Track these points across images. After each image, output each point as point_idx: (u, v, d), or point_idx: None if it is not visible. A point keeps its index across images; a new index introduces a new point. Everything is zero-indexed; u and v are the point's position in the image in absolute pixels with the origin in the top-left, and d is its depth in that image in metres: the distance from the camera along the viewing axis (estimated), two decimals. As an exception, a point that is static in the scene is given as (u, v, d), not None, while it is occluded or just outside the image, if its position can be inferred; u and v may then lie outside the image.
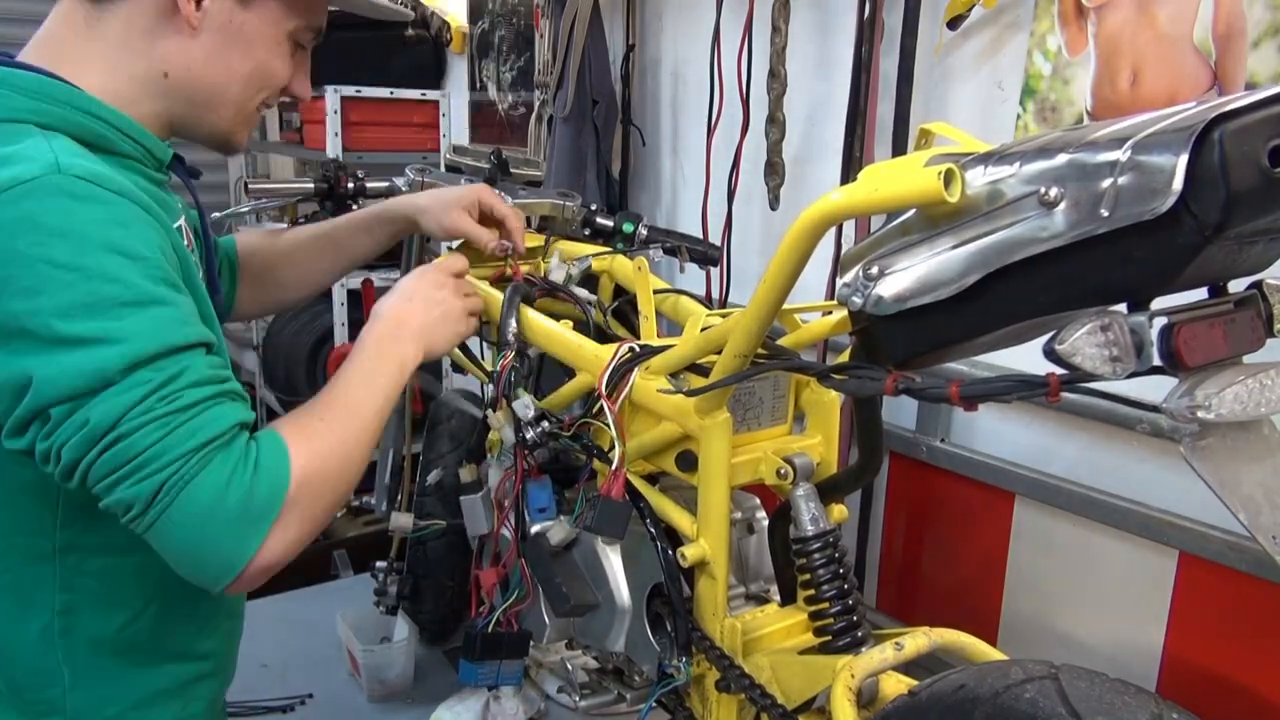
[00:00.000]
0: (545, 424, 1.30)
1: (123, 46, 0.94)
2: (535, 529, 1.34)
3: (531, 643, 1.44)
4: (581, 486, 1.34)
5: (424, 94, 3.13)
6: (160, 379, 0.81)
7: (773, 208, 2.00)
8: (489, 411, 1.37)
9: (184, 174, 1.07)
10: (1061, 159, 0.73)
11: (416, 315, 1.16)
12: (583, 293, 1.50)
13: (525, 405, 1.30)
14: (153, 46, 0.95)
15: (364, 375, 1.04)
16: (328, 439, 0.93)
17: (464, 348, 1.48)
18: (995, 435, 1.78)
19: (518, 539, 1.35)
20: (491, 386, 1.36)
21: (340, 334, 2.97)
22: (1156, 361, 0.71)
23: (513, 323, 1.34)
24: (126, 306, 0.80)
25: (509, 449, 1.35)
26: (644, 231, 1.62)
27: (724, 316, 1.21)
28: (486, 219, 1.41)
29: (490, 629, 1.38)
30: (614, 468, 1.18)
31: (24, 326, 0.78)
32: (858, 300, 0.86)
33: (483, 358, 1.60)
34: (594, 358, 1.27)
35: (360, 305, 2.90)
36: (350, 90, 2.96)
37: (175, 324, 0.84)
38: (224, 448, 0.83)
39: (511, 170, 1.73)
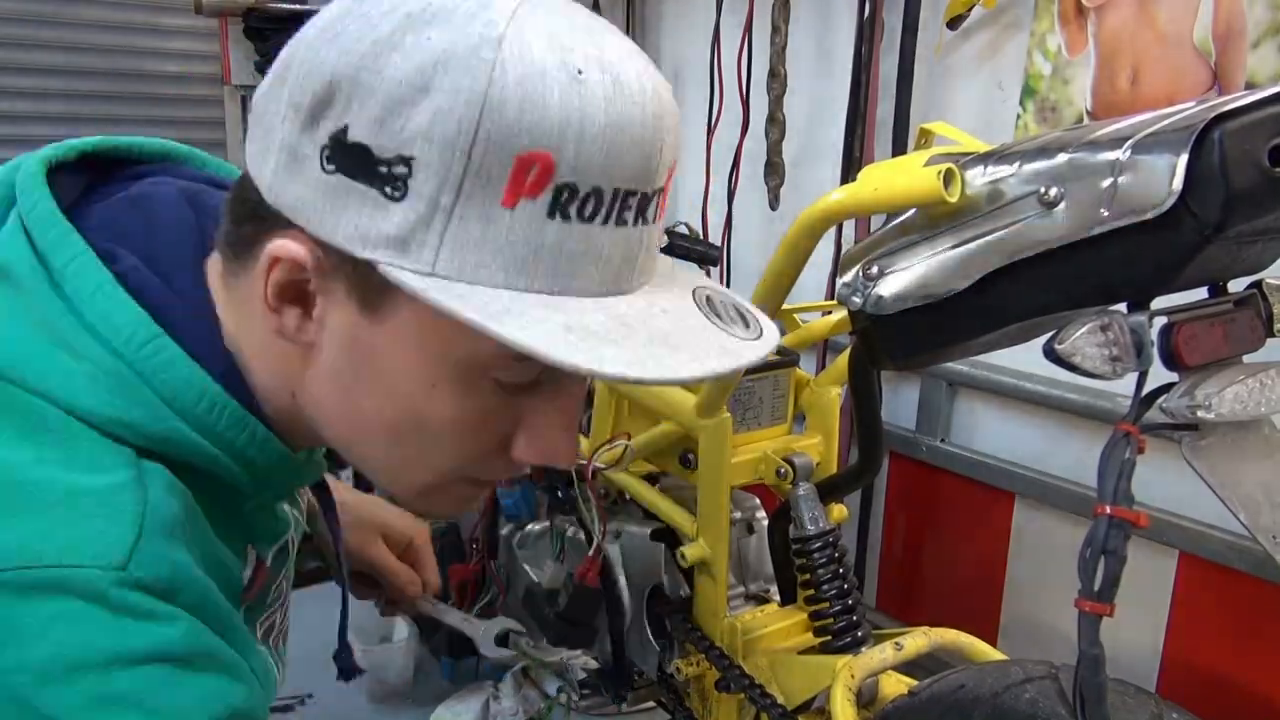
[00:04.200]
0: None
1: (259, 322, 0.59)
2: (504, 531, 1.36)
3: (527, 642, 1.44)
4: (552, 516, 1.37)
5: (424, 94, 3.13)
6: None
7: (773, 208, 2.00)
8: None
9: (325, 501, 0.81)
10: (1061, 159, 0.73)
11: None
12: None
13: None
14: (275, 347, 0.60)
15: None
16: None
17: None
18: (995, 435, 1.78)
19: (485, 542, 1.37)
20: None
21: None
22: (1156, 361, 0.71)
23: None
24: None
25: None
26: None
27: (724, 316, 1.21)
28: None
29: None
30: (590, 554, 1.19)
31: None
32: (858, 300, 0.86)
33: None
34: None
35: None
36: (350, 90, 2.96)
37: None
38: None
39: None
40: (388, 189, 0.51)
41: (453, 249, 0.51)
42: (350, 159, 0.51)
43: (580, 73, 0.50)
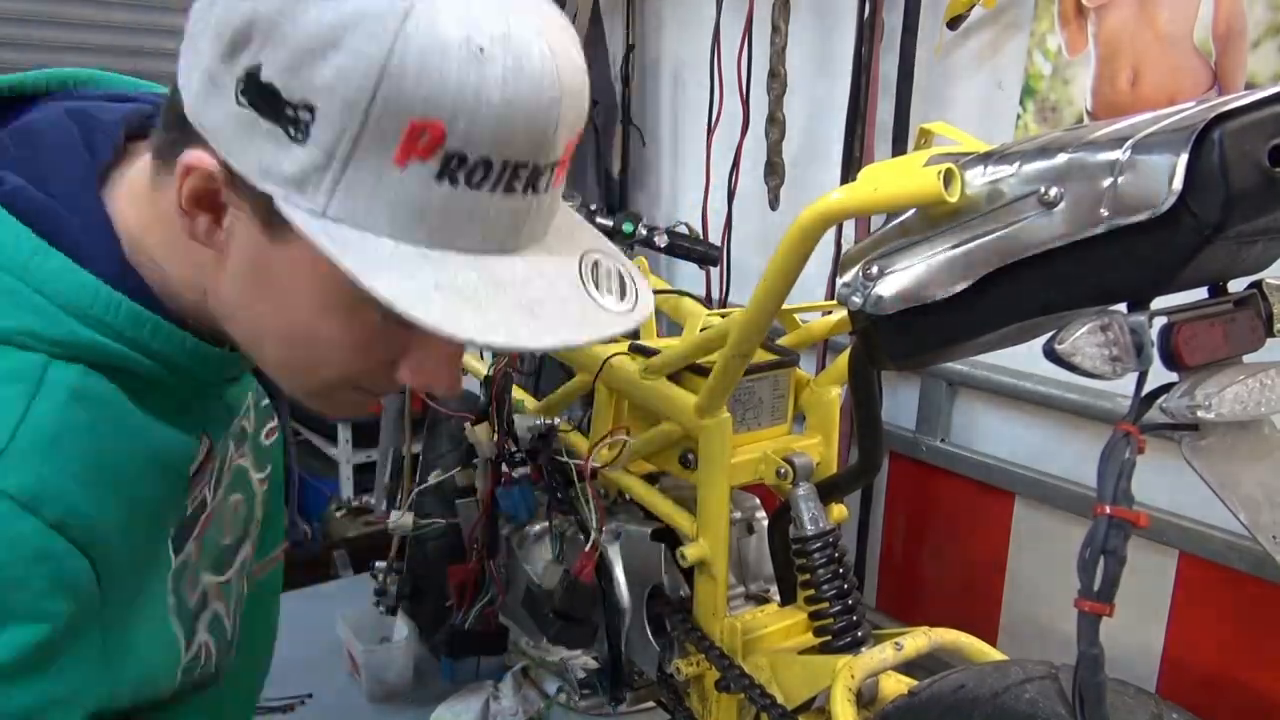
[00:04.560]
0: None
1: (169, 224, 0.62)
2: (504, 531, 1.37)
3: (527, 642, 1.45)
4: (552, 516, 1.37)
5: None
6: None
7: (773, 208, 2.00)
8: (466, 425, 1.40)
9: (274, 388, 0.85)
10: (1061, 159, 0.73)
11: None
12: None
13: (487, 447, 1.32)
14: (190, 248, 0.62)
15: None
16: None
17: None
18: (995, 435, 1.78)
19: (485, 542, 1.37)
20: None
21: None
22: (1156, 361, 0.71)
23: None
24: None
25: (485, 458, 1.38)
26: (643, 231, 1.62)
27: (724, 316, 1.21)
28: None
29: (466, 626, 1.40)
30: (587, 548, 1.19)
31: None
32: (858, 300, 0.86)
33: (481, 358, 1.60)
34: (591, 357, 1.27)
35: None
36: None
37: None
38: None
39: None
40: (291, 130, 0.54)
41: (345, 195, 0.55)
42: (261, 97, 0.54)
43: (481, 51, 0.52)
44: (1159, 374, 0.73)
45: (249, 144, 0.55)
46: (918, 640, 1.04)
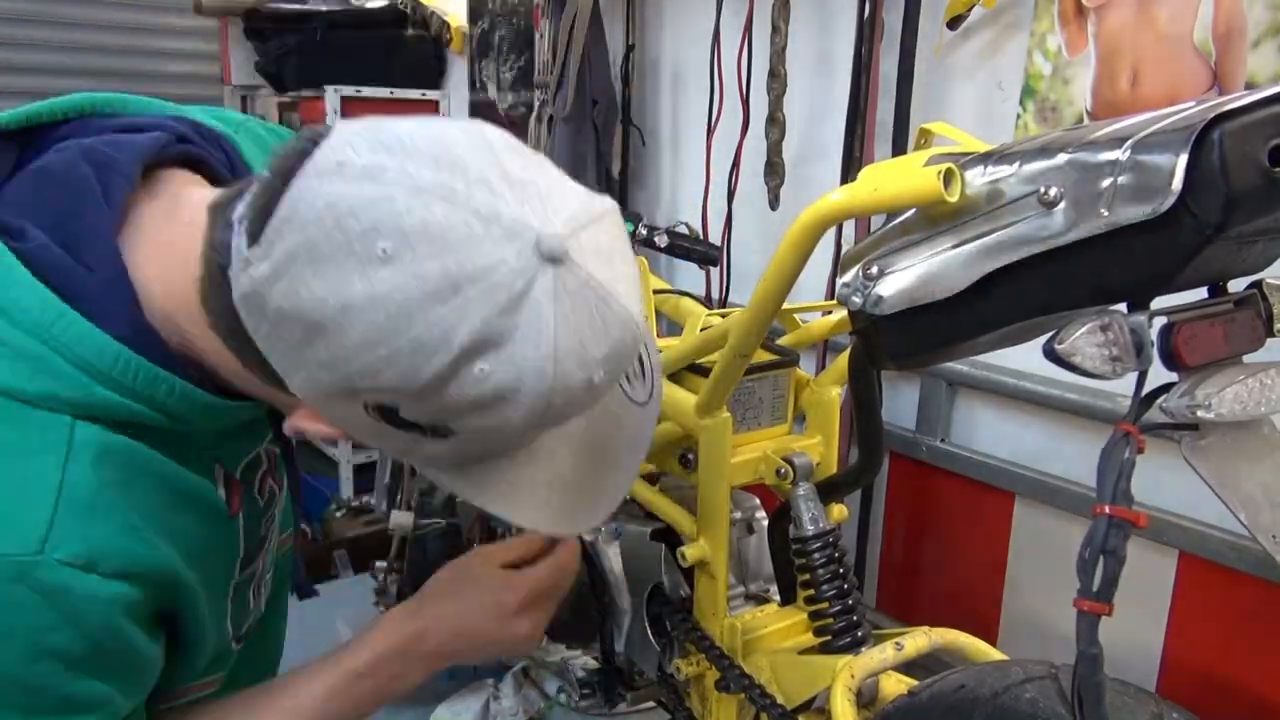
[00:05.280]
0: None
1: (234, 375, 0.68)
2: (500, 530, 1.37)
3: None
4: None
5: (424, 94, 3.13)
6: None
7: (773, 208, 2.00)
8: None
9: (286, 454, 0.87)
10: (1061, 159, 0.73)
11: (446, 639, 0.84)
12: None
13: None
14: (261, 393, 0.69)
15: (330, 693, 0.80)
16: None
17: None
18: (995, 435, 1.78)
19: (484, 541, 1.37)
20: None
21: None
22: (1156, 361, 0.71)
23: None
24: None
25: None
26: (644, 231, 1.62)
27: (724, 316, 1.21)
28: None
29: None
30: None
31: None
32: (858, 300, 0.86)
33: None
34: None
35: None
36: (350, 90, 2.96)
37: None
38: None
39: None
40: (429, 435, 0.60)
41: (480, 469, 0.65)
42: (398, 423, 0.59)
43: (592, 383, 0.59)
44: (1159, 374, 0.73)
45: (384, 437, 0.61)
46: (918, 640, 1.04)
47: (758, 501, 1.34)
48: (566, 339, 0.56)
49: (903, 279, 0.83)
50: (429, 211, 0.53)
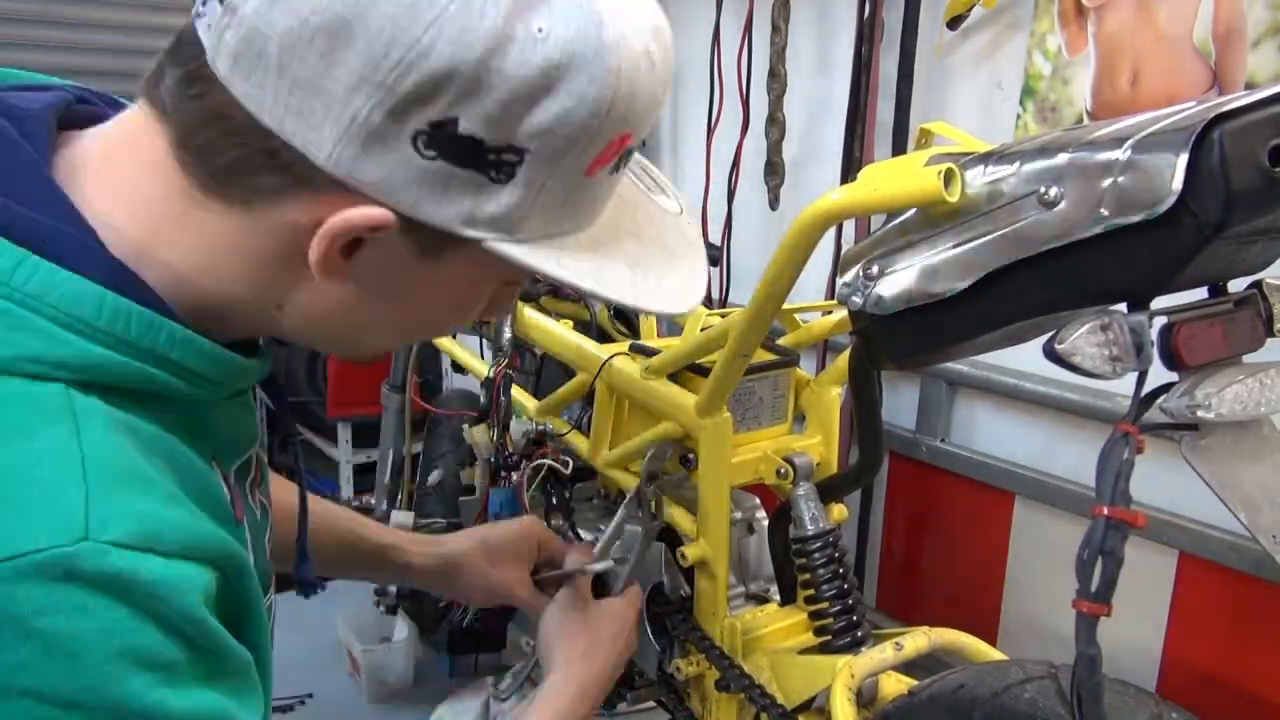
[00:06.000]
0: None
1: (233, 252, 0.57)
2: None
3: (526, 642, 1.45)
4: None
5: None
6: None
7: (773, 208, 2.00)
8: (465, 425, 1.40)
9: (277, 395, 0.79)
10: (1061, 159, 0.73)
11: (602, 680, 0.98)
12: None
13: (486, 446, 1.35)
14: (266, 273, 0.58)
15: None
16: None
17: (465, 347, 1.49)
18: (995, 435, 1.78)
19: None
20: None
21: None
22: (1156, 361, 0.71)
23: (507, 330, 1.35)
24: None
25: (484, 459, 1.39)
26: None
27: (724, 316, 1.21)
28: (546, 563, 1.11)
29: (466, 624, 1.41)
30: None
31: None
32: (858, 300, 0.86)
33: (482, 358, 1.60)
34: (593, 357, 1.27)
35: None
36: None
37: None
38: None
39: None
40: (493, 174, 0.53)
41: (541, 216, 0.57)
42: (457, 148, 0.52)
43: (651, 55, 0.55)
44: (1159, 374, 0.73)
45: (443, 196, 0.53)
46: (918, 640, 1.04)
47: (758, 501, 1.34)
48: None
49: (903, 279, 0.83)
50: None
